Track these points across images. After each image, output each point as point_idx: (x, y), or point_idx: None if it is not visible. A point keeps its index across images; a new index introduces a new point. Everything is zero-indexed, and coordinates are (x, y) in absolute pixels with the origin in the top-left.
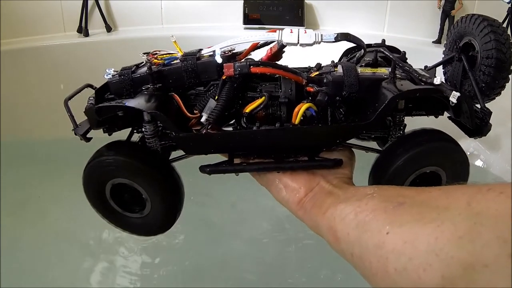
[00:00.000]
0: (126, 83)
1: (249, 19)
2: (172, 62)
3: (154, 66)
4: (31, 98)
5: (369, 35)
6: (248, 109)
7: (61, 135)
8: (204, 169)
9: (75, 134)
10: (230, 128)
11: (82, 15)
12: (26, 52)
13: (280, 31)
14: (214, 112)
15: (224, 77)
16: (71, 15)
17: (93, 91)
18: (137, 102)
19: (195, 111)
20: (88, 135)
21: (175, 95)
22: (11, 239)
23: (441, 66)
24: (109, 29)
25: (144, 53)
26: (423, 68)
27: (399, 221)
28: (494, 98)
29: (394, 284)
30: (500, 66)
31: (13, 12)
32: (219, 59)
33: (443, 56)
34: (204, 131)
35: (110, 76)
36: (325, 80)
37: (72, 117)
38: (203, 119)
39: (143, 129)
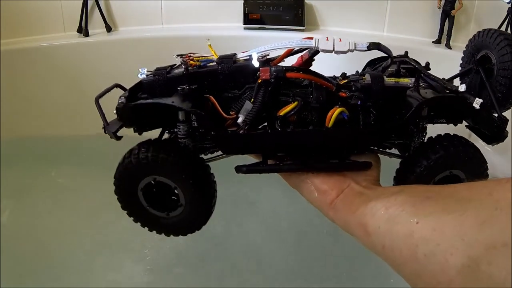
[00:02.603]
0: (161, 82)
1: (249, 19)
2: (208, 64)
3: (190, 68)
4: (31, 98)
5: (369, 35)
6: (282, 112)
7: (60, 133)
8: (240, 168)
9: (105, 132)
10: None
11: (82, 15)
12: (26, 52)
13: (317, 38)
14: (251, 114)
15: (260, 81)
16: (71, 15)
17: (114, 89)
18: (174, 101)
19: (231, 113)
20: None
21: (211, 96)
22: (11, 235)
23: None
24: (109, 29)
25: (178, 55)
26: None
27: (427, 212)
28: (510, 108)
29: (423, 269)
30: None
31: (13, 12)
32: (256, 64)
33: (459, 68)
34: (242, 131)
35: (144, 75)
36: (353, 88)
37: (103, 115)
38: (239, 120)
39: (176, 129)
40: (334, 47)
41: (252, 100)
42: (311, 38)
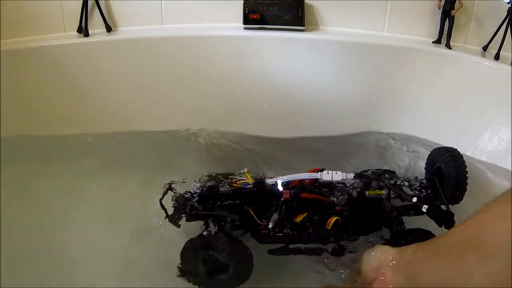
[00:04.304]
0: (212, 197)
1: (249, 19)
2: (246, 187)
3: (234, 189)
4: (31, 98)
5: (369, 35)
6: (298, 219)
7: (60, 132)
8: (273, 252)
9: (166, 219)
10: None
11: (82, 15)
12: (26, 52)
13: (321, 172)
14: (278, 223)
15: (282, 199)
16: (71, 15)
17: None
18: (229, 213)
19: (263, 220)
20: None
21: (249, 209)
22: (11, 235)
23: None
24: (109, 29)
25: (219, 174)
26: (413, 178)
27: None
28: (458, 202)
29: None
30: (459, 184)
31: (13, 12)
32: (281, 188)
33: (426, 161)
34: (272, 233)
35: (199, 190)
36: (345, 199)
37: (166, 210)
38: (270, 226)
39: (225, 225)
40: (332, 178)
41: (278, 212)
42: (317, 170)
